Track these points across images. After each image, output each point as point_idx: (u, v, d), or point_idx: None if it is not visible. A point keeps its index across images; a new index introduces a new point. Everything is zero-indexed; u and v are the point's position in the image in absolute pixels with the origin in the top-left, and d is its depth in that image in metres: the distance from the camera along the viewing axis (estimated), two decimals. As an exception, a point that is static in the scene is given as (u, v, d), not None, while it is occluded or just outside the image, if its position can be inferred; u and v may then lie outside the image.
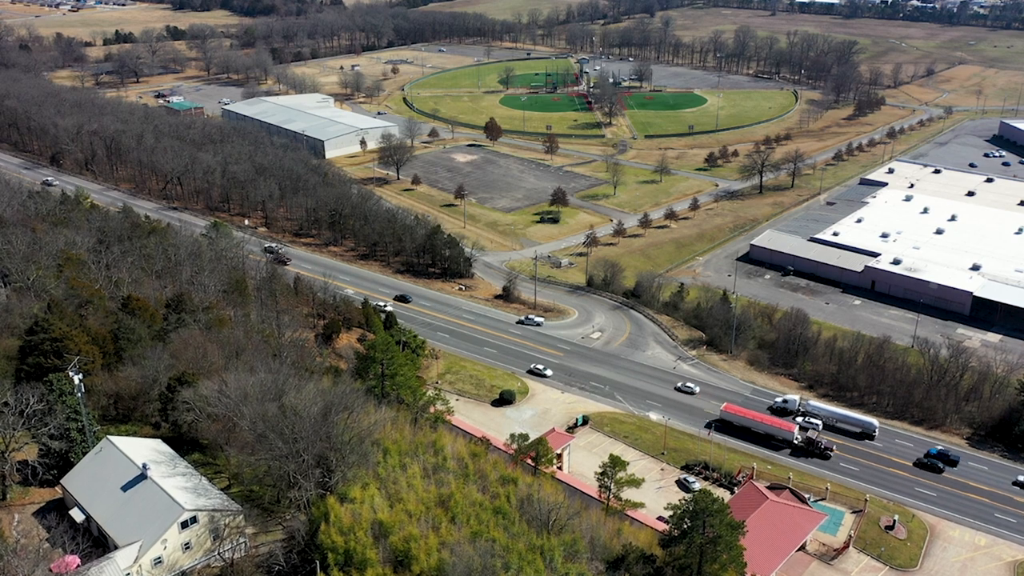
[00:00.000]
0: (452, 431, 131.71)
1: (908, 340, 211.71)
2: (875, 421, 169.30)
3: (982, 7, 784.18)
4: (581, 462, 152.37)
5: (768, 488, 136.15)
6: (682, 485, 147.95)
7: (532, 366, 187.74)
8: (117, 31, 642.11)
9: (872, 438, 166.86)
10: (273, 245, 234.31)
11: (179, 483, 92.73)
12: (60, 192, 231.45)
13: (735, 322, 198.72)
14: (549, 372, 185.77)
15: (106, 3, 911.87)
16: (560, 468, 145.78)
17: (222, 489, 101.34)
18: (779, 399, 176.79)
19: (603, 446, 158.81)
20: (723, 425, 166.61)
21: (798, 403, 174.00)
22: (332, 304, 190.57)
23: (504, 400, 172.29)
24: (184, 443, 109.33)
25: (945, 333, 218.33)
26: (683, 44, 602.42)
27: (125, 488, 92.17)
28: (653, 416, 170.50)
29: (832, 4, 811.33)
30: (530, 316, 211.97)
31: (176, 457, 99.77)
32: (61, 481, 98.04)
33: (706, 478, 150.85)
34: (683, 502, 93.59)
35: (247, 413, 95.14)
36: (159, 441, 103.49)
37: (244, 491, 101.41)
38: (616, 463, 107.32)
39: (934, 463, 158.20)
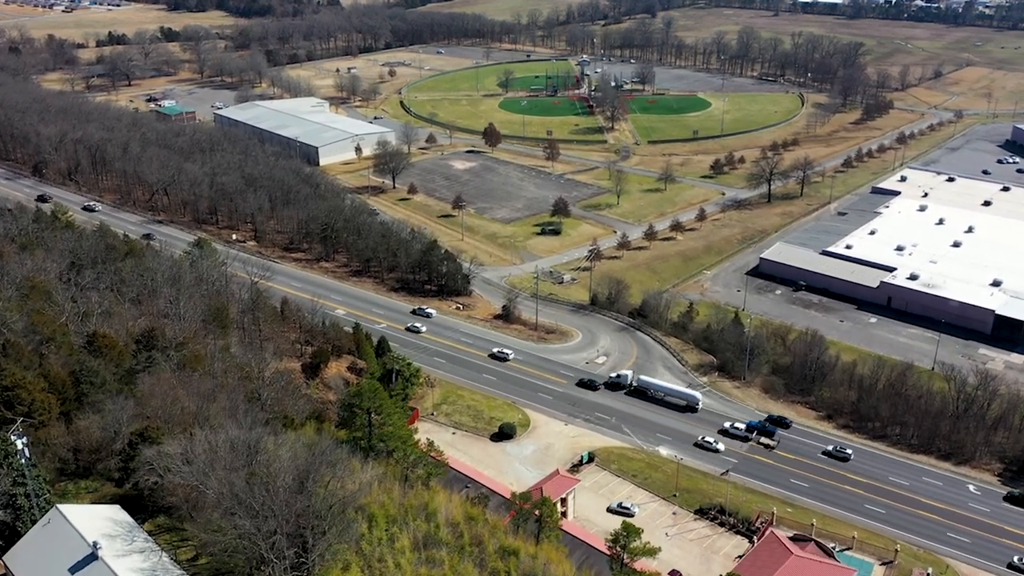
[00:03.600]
0: (447, 482, 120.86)
1: (928, 361, 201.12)
2: (698, 395, 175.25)
3: (987, 7, 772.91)
4: (587, 505, 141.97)
5: (791, 539, 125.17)
6: (616, 512, 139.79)
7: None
8: (110, 32, 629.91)
9: (695, 411, 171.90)
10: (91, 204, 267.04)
11: (135, 563, 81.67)
12: (35, 208, 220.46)
13: (749, 346, 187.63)
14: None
15: (100, 3, 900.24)
16: (564, 514, 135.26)
17: (189, 560, 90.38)
18: (612, 375, 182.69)
19: (610, 486, 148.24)
20: None
21: (630, 378, 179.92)
22: (321, 329, 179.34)
23: (504, 434, 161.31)
24: (148, 503, 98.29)
25: (966, 354, 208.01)
26: (685, 45, 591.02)
27: (73, 570, 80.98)
28: (663, 452, 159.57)
29: (835, 4, 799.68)
30: (422, 307, 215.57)
31: (135, 528, 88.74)
32: (3, 558, 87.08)
33: (722, 523, 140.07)
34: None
35: (213, 485, 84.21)
36: (116, 508, 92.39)
37: (213, 563, 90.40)
38: (630, 531, 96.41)
39: (766, 430, 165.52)
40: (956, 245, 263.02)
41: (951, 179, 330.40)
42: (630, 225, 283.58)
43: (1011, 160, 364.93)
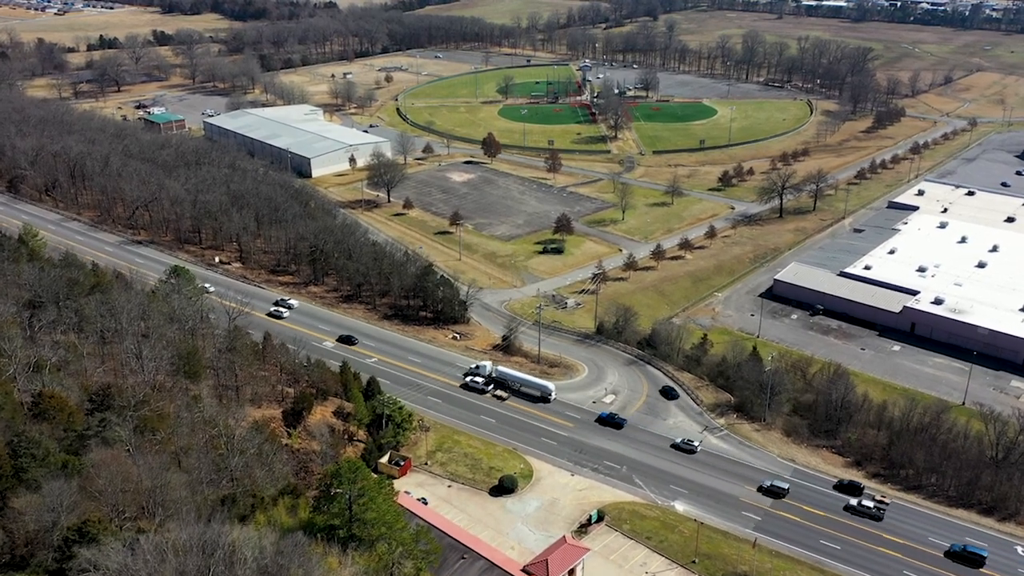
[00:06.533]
0: (442, 551, 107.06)
1: (957, 395, 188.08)
2: (551, 385, 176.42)
3: (995, 10, 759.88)
4: (596, 574, 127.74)
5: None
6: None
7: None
8: (102, 36, 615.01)
9: (548, 401, 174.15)
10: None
11: None
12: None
13: (770, 382, 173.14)
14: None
15: (93, 6, 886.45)
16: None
17: None
18: (472, 365, 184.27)
19: (622, 551, 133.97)
20: None
21: (488, 368, 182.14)
22: (305, 369, 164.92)
23: (504, 488, 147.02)
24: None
25: (998, 387, 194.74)
26: (689, 50, 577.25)
27: None
28: (679, 507, 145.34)
29: (840, 7, 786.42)
30: (283, 299, 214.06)
31: (66, 651, 75.33)
32: None
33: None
34: None
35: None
36: (47, 625, 79.08)
37: None
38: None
39: (612, 419, 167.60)
40: (981, 266, 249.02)
41: (971, 193, 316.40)
42: (636, 243, 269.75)
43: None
